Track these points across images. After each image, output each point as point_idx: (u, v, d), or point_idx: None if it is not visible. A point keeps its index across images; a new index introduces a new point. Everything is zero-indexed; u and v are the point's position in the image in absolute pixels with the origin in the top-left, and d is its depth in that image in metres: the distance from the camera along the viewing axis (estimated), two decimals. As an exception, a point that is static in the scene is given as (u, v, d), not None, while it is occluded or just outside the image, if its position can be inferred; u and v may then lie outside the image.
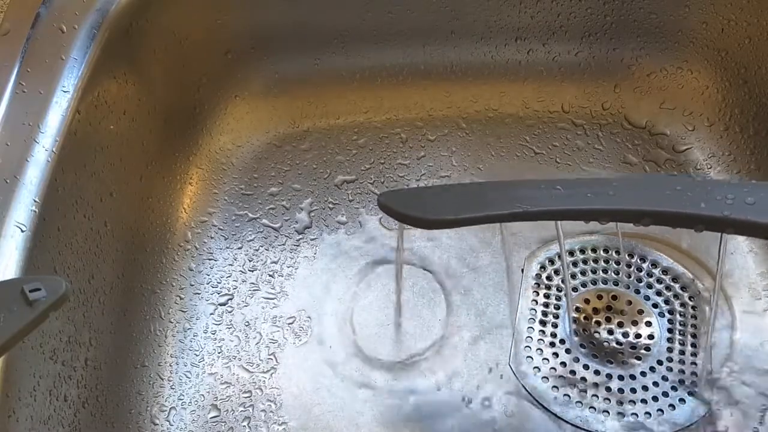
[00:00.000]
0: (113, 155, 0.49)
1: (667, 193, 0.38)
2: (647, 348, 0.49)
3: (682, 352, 0.48)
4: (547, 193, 0.39)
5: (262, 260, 0.54)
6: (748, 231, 0.38)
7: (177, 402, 0.48)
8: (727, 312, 0.50)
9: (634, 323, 0.50)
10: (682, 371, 0.48)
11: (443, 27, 0.58)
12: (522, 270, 0.53)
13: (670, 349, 0.49)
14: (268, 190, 0.58)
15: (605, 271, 0.52)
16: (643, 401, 0.47)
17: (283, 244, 0.55)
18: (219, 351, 0.50)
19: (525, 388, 0.48)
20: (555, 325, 0.50)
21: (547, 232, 0.54)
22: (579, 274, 0.52)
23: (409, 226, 0.54)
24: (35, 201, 0.40)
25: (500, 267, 0.53)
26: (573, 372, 0.48)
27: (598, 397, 0.47)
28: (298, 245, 0.55)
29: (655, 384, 0.47)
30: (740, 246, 0.53)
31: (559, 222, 0.44)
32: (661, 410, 0.46)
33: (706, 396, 0.47)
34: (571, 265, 0.52)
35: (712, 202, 0.37)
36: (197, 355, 0.50)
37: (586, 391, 0.47)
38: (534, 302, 0.51)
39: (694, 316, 0.50)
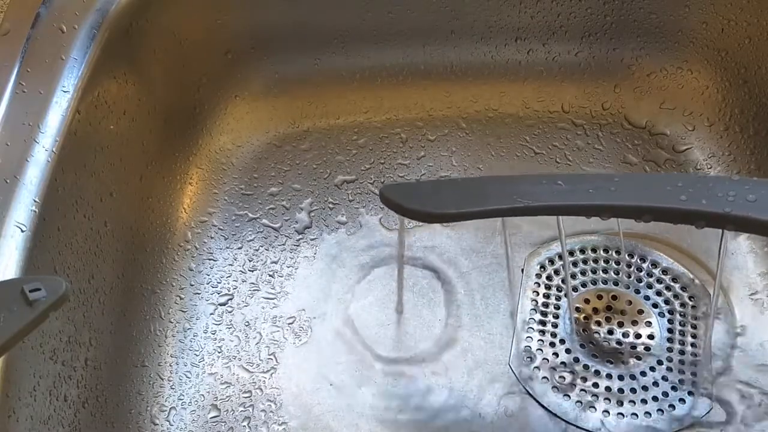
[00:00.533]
0: (113, 155, 0.49)
1: (669, 189, 0.38)
2: (647, 348, 0.49)
3: (682, 352, 0.48)
4: (548, 188, 0.39)
5: (262, 260, 0.54)
6: (749, 228, 0.38)
7: (177, 402, 0.48)
8: (728, 312, 0.50)
9: (634, 323, 0.50)
10: (682, 371, 0.48)
11: (443, 27, 0.58)
12: (522, 270, 0.53)
13: (670, 349, 0.49)
14: (268, 190, 0.58)
15: (605, 271, 0.52)
16: (643, 401, 0.47)
17: (283, 244, 0.55)
18: (219, 351, 0.50)
19: (525, 388, 0.48)
20: (555, 325, 0.50)
21: (547, 231, 0.54)
22: (579, 274, 0.52)
23: (409, 226, 0.55)
24: (35, 201, 0.40)
25: (500, 267, 0.53)
26: (573, 372, 0.48)
27: (598, 397, 0.47)
28: (298, 245, 0.55)
29: (655, 384, 0.47)
30: (740, 246, 0.53)
31: (560, 219, 0.44)
32: (661, 410, 0.46)
33: (706, 396, 0.47)
34: (571, 265, 0.52)
35: (714, 198, 0.37)
36: (197, 355, 0.50)
37: (586, 391, 0.47)
38: (534, 302, 0.51)
39: (694, 316, 0.50)
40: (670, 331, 0.49)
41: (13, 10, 0.47)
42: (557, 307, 0.51)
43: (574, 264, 0.53)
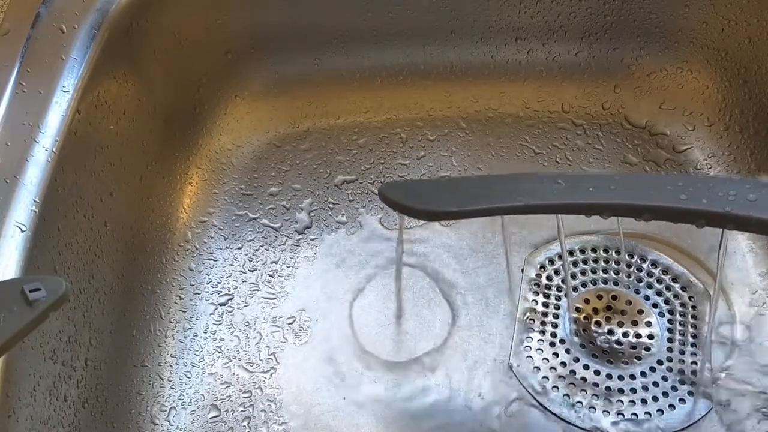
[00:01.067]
0: (113, 155, 0.49)
1: (669, 188, 0.38)
2: (647, 348, 0.49)
3: (682, 352, 0.48)
4: (548, 186, 0.39)
5: (262, 260, 0.54)
6: (749, 227, 0.38)
7: (177, 402, 0.48)
8: (727, 312, 0.50)
9: (634, 323, 0.50)
10: (682, 371, 0.48)
11: (443, 27, 0.58)
12: (522, 270, 0.53)
13: (670, 349, 0.49)
14: (268, 190, 0.58)
15: (605, 271, 0.52)
16: (643, 401, 0.47)
17: (283, 244, 0.55)
18: (219, 351, 0.50)
19: (525, 388, 0.48)
20: (555, 325, 0.50)
21: (546, 232, 0.54)
22: (579, 274, 0.52)
23: (409, 226, 0.55)
24: (35, 201, 0.40)
25: (500, 267, 0.53)
26: (573, 372, 0.48)
27: (598, 397, 0.47)
28: (298, 245, 0.55)
29: (655, 384, 0.47)
30: (740, 246, 0.53)
31: (560, 218, 0.44)
32: (661, 410, 0.46)
33: (706, 396, 0.47)
34: (571, 265, 0.52)
35: (714, 198, 0.37)
36: (197, 355, 0.50)
37: (586, 391, 0.47)
38: (534, 302, 0.51)
39: (694, 316, 0.50)
40: (670, 331, 0.49)
41: (13, 10, 0.47)
42: (557, 307, 0.51)
43: (574, 264, 0.53)
